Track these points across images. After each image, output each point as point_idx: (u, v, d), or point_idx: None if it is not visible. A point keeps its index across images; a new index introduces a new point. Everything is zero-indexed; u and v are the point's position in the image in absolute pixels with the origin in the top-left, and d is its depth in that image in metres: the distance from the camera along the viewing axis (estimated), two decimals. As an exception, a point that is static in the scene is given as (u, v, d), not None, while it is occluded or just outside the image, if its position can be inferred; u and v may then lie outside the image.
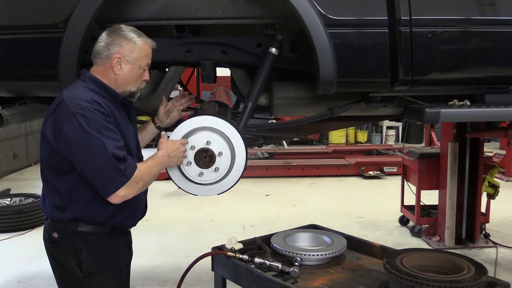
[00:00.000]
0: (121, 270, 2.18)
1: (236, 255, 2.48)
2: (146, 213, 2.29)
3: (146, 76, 2.11)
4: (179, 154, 2.15)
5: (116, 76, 2.03)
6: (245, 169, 2.27)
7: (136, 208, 2.17)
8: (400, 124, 12.42)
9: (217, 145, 2.20)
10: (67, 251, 2.06)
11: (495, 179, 4.85)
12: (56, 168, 2.00)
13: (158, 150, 2.12)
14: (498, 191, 4.86)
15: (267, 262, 2.40)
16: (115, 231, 2.11)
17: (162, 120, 2.39)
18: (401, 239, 5.21)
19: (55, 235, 2.06)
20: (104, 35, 2.03)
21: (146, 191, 2.23)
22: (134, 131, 2.19)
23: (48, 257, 2.14)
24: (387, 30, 2.23)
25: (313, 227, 3.08)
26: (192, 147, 2.19)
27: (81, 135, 1.88)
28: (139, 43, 2.03)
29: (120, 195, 1.93)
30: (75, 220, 2.02)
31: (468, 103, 2.37)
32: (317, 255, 2.54)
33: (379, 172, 8.52)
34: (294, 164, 8.60)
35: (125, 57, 2.01)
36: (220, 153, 2.20)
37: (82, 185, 1.98)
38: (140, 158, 2.19)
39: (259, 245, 2.68)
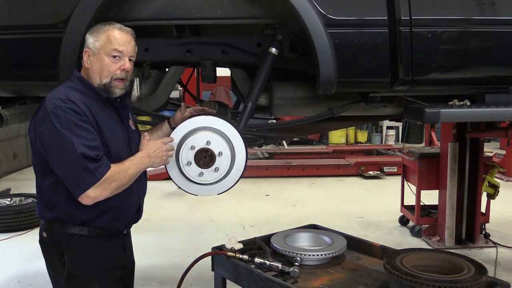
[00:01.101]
0: (108, 274, 2.10)
1: (236, 255, 2.48)
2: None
3: (124, 64, 1.99)
4: (161, 153, 2.09)
5: (88, 70, 2.02)
6: (245, 169, 2.27)
7: (125, 210, 2.11)
8: (400, 124, 12.42)
9: (217, 145, 2.19)
10: (53, 251, 2.05)
11: (495, 179, 4.85)
12: (39, 167, 2.00)
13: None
14: (498, 191, 4.86)
15: (267, 262, 2.40)
16: (104, 233, 2.06)
17: (177, 123, 2.34)
18: (401, 239, 5.21)
19: (44, 234, 2.07)
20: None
21: (138, 195, 2.17)
22: (122, 132, 2.11)
23: (43, 257, 2.14)
24: (387, 30, 2.23)
25: (313, 227, 3.08)
26: (192, 147, 2.19)
27: (52, 134, 1.87)
28: (104, 30, 1.99)
29: (90, 196, 1.88)
30: (58, 219, 2.01)
31: (468, 103, 2.37)
32: (317, 255, 2.54)
33: (379, 172, 8.52)
34: (294, 164, 8.60)
35: (91, 49, 1.99)
36: (220, 153, 2.19)
37: (61, 185, 1.95)
38: None
39: (259, 245, 2.68)
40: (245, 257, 2.47)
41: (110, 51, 1.97)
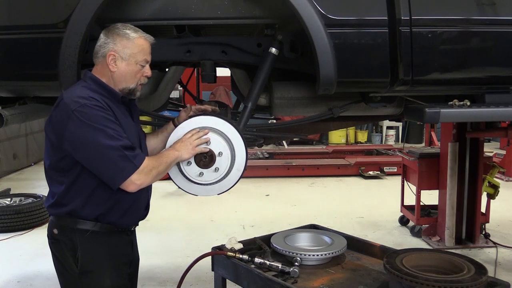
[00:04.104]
0: (118, 269, 2.16)
1: (236, 255, 2.48)
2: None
3: (147, 72, 2.11)
4: (186, 143, 2.13)
5: (112, 73, 2.05)
6: (245, 169, 2.27)
7: (135, 206, 2.16)
8: (400, 124, 12.44)
9: (217, 145, 2.20)
10: (65, 247, 2.08)
11: (495, 179, 4.85)
12: (56, 165, 2.04)
13: None
14: (498, 191, 4.86)
15: (267, 262, 2.40)
16: (114, 229, 2.12)
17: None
18: (401, 239, 5.21)
19: (55, 231, 2.10)
20: (101, 35, 2.06)
21: (147, 192, 2.23)
22: (136, 130, 2.18)
23: (51, 254, 2.16)
24: (387, 30, 2.23)
25: (313, 227, 3.08)
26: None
27: (84, 130, 1.91)
28: (133, 38, 2.04)
29: (136, 183, 1.96)
30: (71, 215, 2.05)
31: (468, 103, 2.37)
32: (317, 255, 2.54)
33: (379, 172, 8.52)
34: (294, 164, 8.60)
35: (119, 53, 2.03)
36: (220, 153, 2.19)
37: (81, 181, 2.01)
38: None
39: (259, 245, 2.68)
40: (245, 257, 2.47)
41: (141, 60, 2.06)
